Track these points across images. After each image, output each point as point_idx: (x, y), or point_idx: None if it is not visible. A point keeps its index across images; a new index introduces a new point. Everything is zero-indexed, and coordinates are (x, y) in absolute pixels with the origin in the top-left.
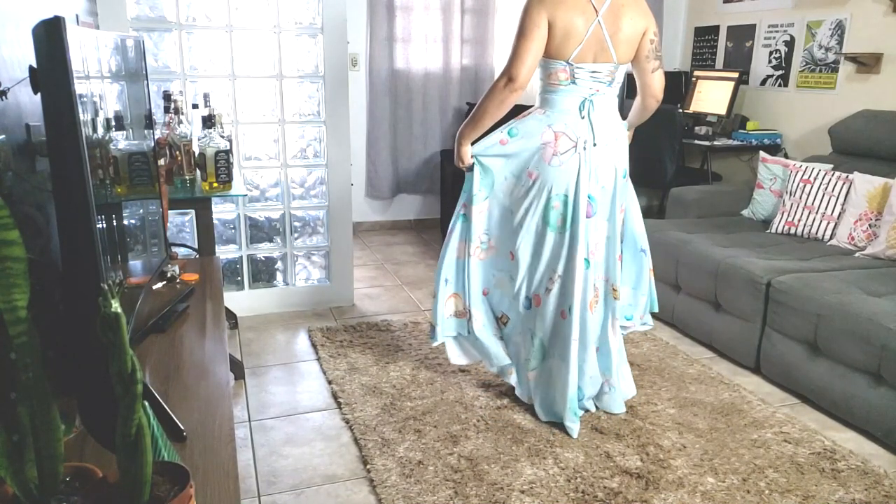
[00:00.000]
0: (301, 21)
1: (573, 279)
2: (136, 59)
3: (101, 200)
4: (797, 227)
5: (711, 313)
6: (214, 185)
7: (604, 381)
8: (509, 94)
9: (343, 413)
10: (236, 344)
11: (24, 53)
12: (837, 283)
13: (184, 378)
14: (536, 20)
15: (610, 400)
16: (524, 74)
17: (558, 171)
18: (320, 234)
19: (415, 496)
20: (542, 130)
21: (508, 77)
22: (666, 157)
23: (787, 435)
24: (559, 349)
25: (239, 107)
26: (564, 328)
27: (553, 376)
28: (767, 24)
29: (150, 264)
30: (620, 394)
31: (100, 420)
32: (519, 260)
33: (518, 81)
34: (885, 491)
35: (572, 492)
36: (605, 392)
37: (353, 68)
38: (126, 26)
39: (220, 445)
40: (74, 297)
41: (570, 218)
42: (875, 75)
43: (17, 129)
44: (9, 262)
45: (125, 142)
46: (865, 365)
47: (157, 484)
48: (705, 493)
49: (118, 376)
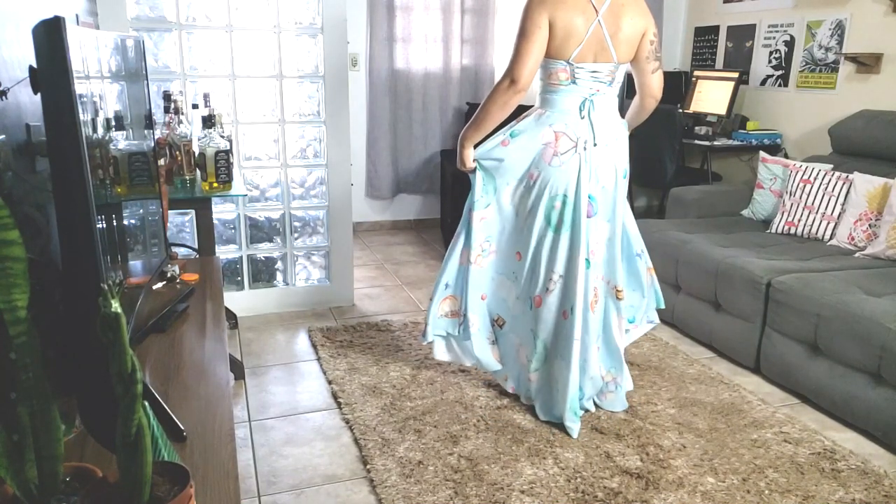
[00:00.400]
0: (301, 21)
1: (575, 279)
2: (136, 59)
3: (101, 200)
4: (797, 227)
5: (711, 313)
6: (214, 185)
7: (611, 380)
8: (512, 96)
9: (343, 413)
10: (236, 344)
11: (24, 53)
12: (837, 283)
13: (184, 378)
14: (537, 20)
15: (615, 398)
16: (527, 76)
17: (559, 171)
18: (320, 234)
19: (415, 496)
20: (543, 130)
21: (511, 79)
22: (666, 157)
23: (787, 435)
24: (561, 349)
25: (239, 107)
26: (566, 328)
27: (555, 377)
28: (767, 24)
29: (150, 264)
30: (624, 392)
31: (100, 420)
32: (524, 260)
33: (521, 83)
34: (885, 491)
35: (572, 492)
36: (612, 391)
37: (353, 68)
38: (126, 26)
39: (220, 445)
40: (74, 297)
41: (571, 218)
42: (875, 75)
43: (17, 129)
44: (9, 262)
45: (125, 142)
46: (865, 365)
47: (157, 484)
48: (705, 493)
49: (118, 376)
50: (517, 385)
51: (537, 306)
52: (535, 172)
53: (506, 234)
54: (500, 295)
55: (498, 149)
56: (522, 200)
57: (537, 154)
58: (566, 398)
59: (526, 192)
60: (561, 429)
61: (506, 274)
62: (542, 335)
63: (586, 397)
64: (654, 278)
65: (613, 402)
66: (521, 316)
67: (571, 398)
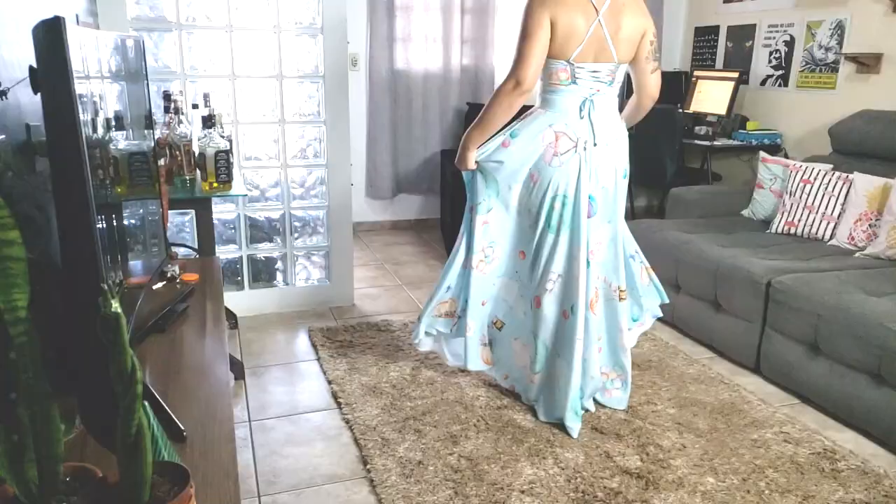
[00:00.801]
0: (301, 21)
1: (575, 279)
2: (136, 60)
3: (101, 200)
4: (797, 227)
5: (711, 313)
6: (214, 185)
7: (615, 377)
8: (517, 98)
9: (343, 413)
10: (236, 344)
11: (24, 53)
12: (837, 283)
13: (184, 378)
14: (540, 21)
15: (622, 396)
16: (531, 77)
17: (559, 171)
18: (320, 234)
19: (415, 496)
20: (543, 131)
21: (516, 80)
22: (666, 157)
23: (787, 435)
24: (562, 349)
25: (239, 107)
26: (568, 328)
27: (556, 376)
28: (767, 24)
29: (150, 264)
30: (629, 391)
31: (100, 420)
32: (527, 259)
33: (526, 84)
34: (885, 491)
35: (572, 492)
36: (618, 388)
37: (353, 68)
38: (126, 26)
39: (220, 445)
40: (74, 297)
41: (571, 218)
42: (875, 75)
43: (17, 129)
44: (9, 262)
45: (125, 142)
46: (865, 365)
47: (157, 484)
48: (705, 493)
49: (118, 376)
50: (520, 387)
51: (537, 307)
52: (535, 174)
53: (511, 235)
54: (502, 296)
55: (499, 150)
56: (523, 200)
57: (538, 154)
58: (567, 398)
59: (526, 192)
60: (561, 429)
61: (509, 274)
62: (542, 335)
63: (586, 396)
64: (653, 275)
65: (620, 401)
66: (524, 318)
67: (573, 398)
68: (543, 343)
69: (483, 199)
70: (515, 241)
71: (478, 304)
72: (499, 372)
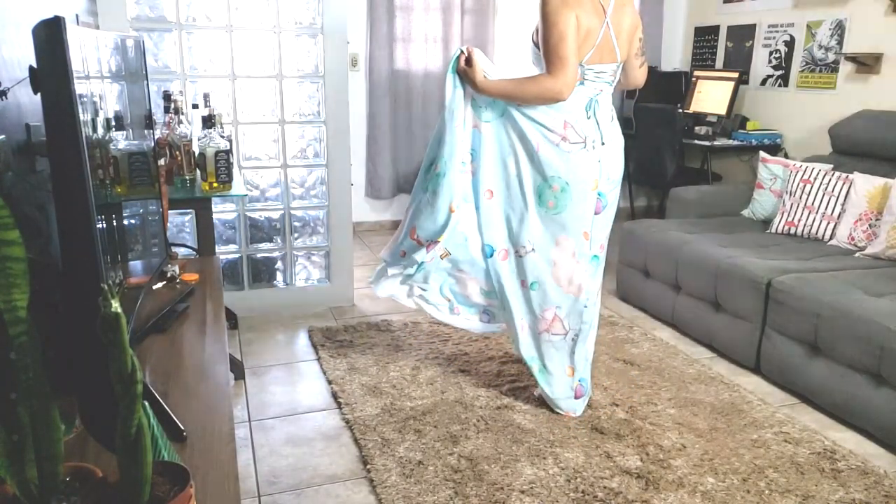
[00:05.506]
0: (301, 21)
1: (581, 277)
2: (136, 59)
3: (101, 200)
4: (797, 227)
5: (711, 313)
6: (214, 185)
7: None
8: (551, 100)
9: (343, 413)
10: (236, 344)
11: (24, 53)
12: (837, 283)
13: (184, 378)
14: (569, 20)
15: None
16: (573, 81)
17: (565, 157)
18: (320, 234)
19: (415, 496)
20: (552, 113)
21: (560, 88)
22: (666, 157)
23: (787, 435)
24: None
25: (239, 107)
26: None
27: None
28: (767, 24)
29: (150, 264)
30: None
31: (100, 420)
32: (495, 199)
33: (569, 91)
34: (885, 491)
35: (572, 492)
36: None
37: (353, 68)
38: (126, 26)
39: (220, 445)
40: (74, 297)
41: (566, 204)
42: (875, 75)
43: (17, 129)
44: (9, 262)
45: (125, 142)
46: (865, 365)
47: (157, 484)
48: (705, 493)
49: (118, 376)
50: (463, 303)
51: (502, 260)
52: (541, 146)
53: (491, 162)
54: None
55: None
56: (514, 159)
57: (542, 128)
58: (588, 365)
59: (525, 156)
60: (561, 429)
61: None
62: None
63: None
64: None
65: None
66: (478, 255)
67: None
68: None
69: (454, 105)
70: (493, 174)
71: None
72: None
